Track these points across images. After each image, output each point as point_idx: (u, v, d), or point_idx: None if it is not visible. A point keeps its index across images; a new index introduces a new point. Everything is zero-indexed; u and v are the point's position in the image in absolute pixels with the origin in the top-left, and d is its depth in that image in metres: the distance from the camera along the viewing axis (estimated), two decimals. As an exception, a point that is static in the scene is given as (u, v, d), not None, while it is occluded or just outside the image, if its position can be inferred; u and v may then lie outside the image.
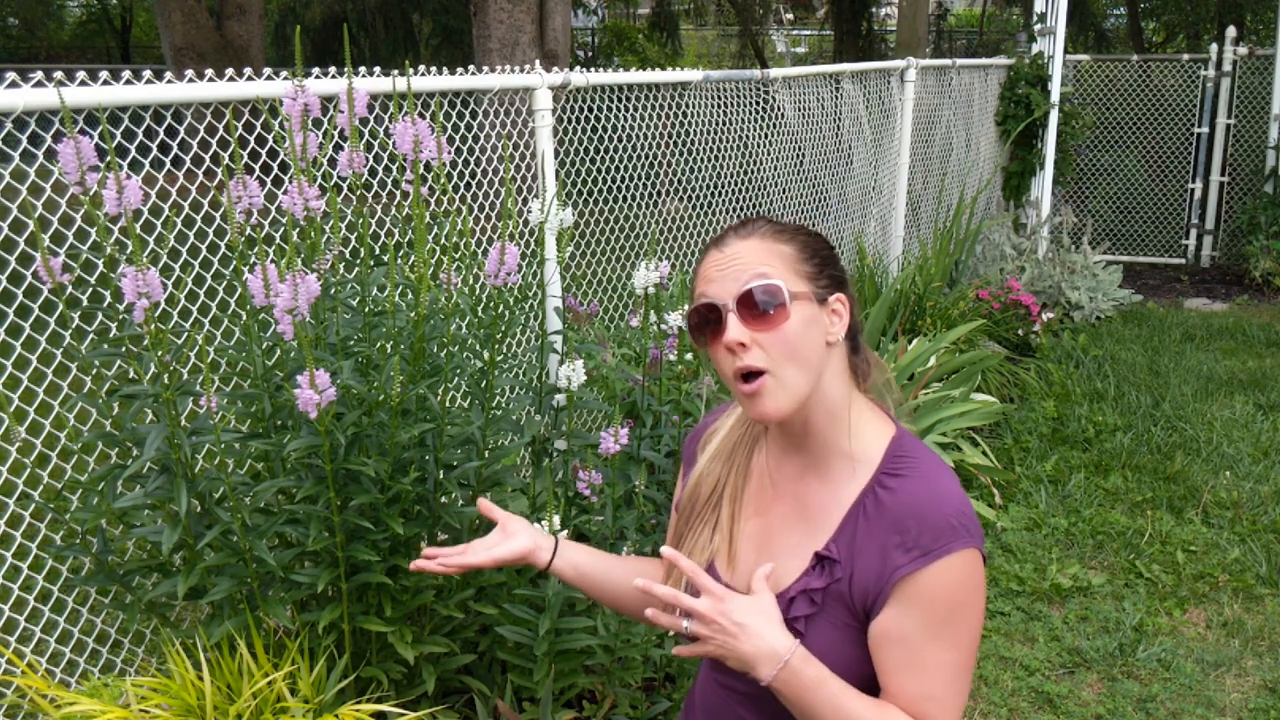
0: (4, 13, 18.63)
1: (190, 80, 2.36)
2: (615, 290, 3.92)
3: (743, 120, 4.58)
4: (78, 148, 1.89)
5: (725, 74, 4.50)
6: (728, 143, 4.49)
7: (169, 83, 2.33)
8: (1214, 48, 7.99)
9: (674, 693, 2.68)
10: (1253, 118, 7.96)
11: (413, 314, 2.13)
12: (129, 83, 2.22)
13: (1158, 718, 2.80)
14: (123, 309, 2.02)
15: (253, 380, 2.16)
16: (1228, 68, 7.95)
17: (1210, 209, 8.22)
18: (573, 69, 4.08)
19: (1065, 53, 7.38)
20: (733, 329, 1.30)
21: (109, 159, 1.91)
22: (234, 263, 2.17)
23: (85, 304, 2.09)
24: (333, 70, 2.54)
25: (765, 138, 4.73)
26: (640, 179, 3.93)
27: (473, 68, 2.99)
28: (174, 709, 1.92)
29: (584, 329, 3.02)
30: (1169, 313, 6.90)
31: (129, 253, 1.86)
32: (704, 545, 1.45)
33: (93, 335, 2.15)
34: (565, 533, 2.12)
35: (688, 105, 4.22)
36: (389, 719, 2.01)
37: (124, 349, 2.06)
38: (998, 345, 5.27)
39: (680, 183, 4.39)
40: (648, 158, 3.96)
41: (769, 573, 1.35)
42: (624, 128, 3.85)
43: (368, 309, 2.19)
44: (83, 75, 2.42)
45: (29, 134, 2.23)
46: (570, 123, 3.67)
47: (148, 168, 2.43)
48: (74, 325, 2.05)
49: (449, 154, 2.16)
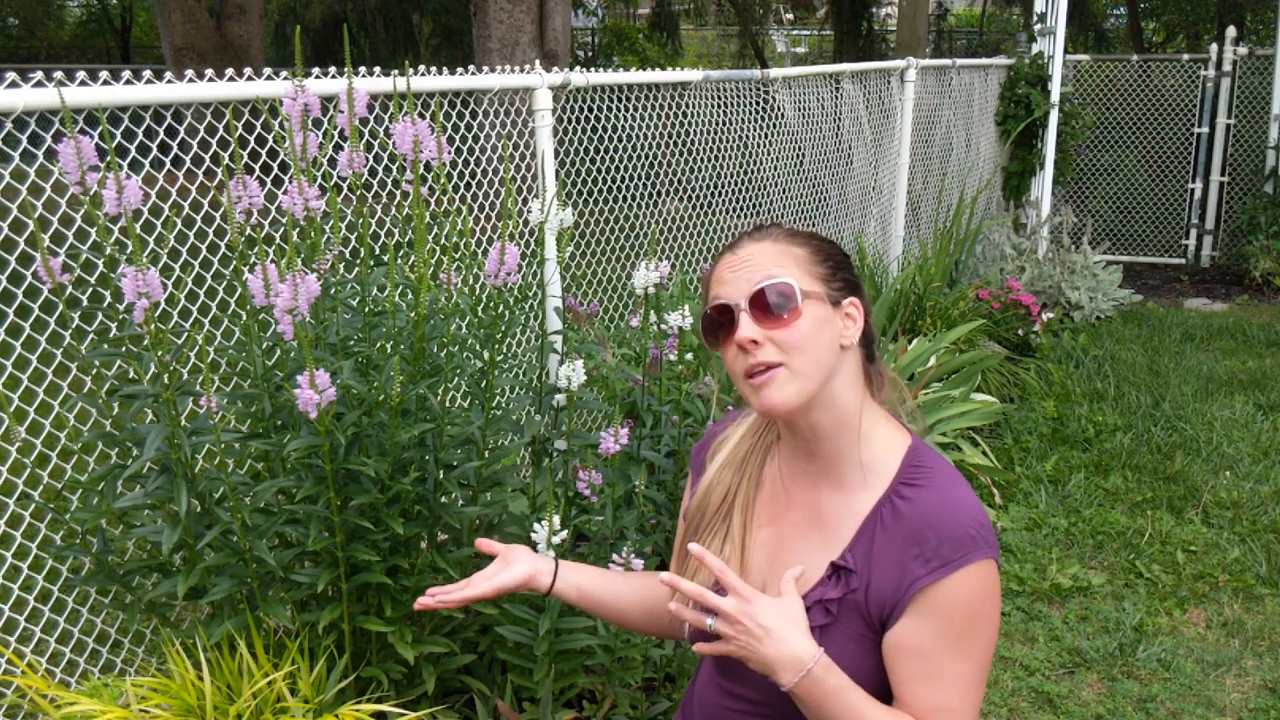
0: (4, 13, 18.62)
1: (190, 80, 2.36)
2: (615, 290, 3.92)
3: (743, 120, 4.58)
4: (78, 148, 1.89)
5: (725, 74, 4.50)
6: (728, 143, 4.49)
7: (169, 83, 2.33)
8: (1214, 48, 7.99)
9: (674, 693, 2.68)
10: (1253, 118, 7.96)
11: (413, 314, 2.13)
12: (129, 83, 2.22)
13: (1158, 718, 2.80)
14: (123, 309, 2.02)
15: (253, 380, 2.16)
16: (1228, 68, 7.95)
17: (1210, 209, 8.22)
18: (573, 69, 4.08)
19: (1065, 53, 7.37)
20: (745, 327, 1.29)
21: (109, 159, 1.91)
22: (234, 263, 2.17)
23: (85, 304, 2.09)
24: (333, 70, 2.54)
25: (765, 138, 4.73)
26: (640, 179, 3.93)
27: (473, 68, 2.99)
28: (174, 709, 1.92)
29: (584, 329, 3.02)
30: (1169, 313, 6.90)
31: (129, 253, 1.86)
32: (715, 553, 1.43)
33: (93, 335, 2.15)
34: (565, 533, 2.12)
35: (688, 105, 4.22)
36: (389, 719, 2.01)
37: (124, 349, 2.06)
38: (998, 345, 5.27)
39: (680, 183, 4.39)
40: (648, 158, 3.96)
41: (799, 575, 1.33)
42: (624, 128, 3.85)
43: (368, 309, 2.19)
44: (83, 75, 2.42)
45: (29, 134, 2.23)
46: (570, 123, 3.67)
47: (148, 168, 2.43)
48: (74, 325, 2.05)
49: (449, 154, 2.16)
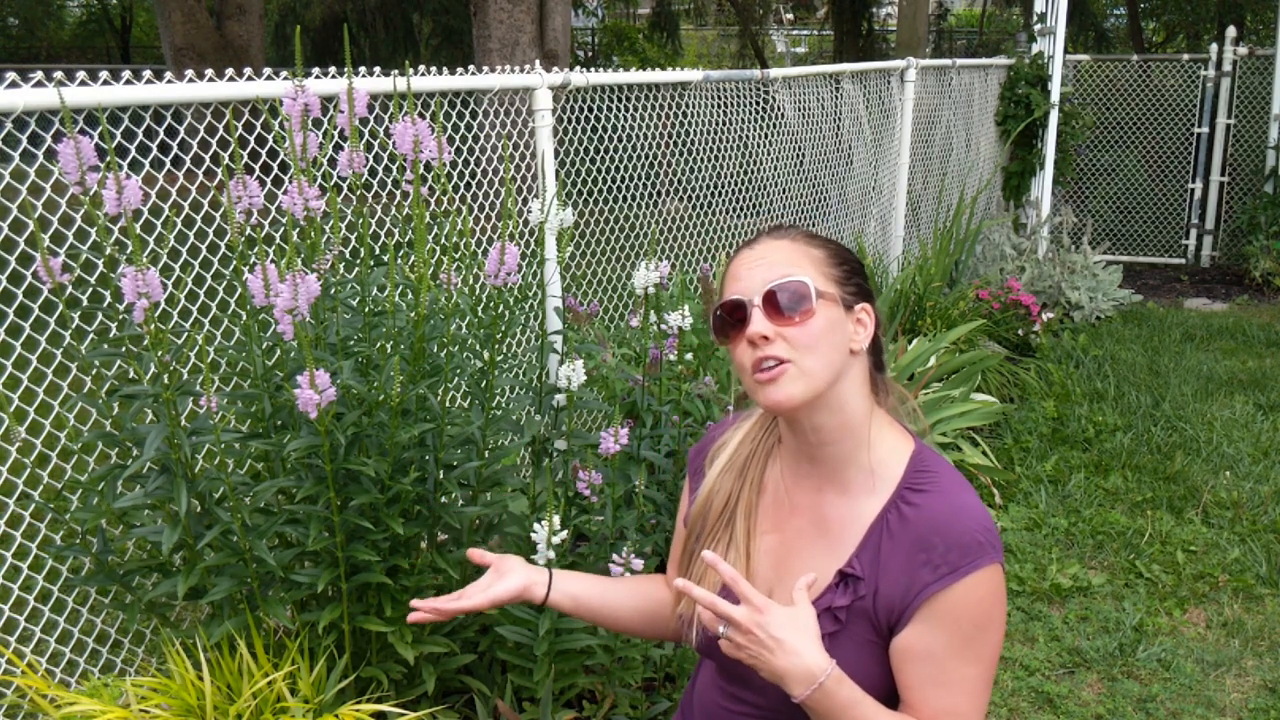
0: (4, 13, 18.62)
1: (190, 80, 2.36)
2: (615, 290, 3.92)
3: (743, 120, 4.58)
4: (78, 148, 1.89)
5: (725, 74, 4.50)
6: (728, 143, 4.49)
7: (169, 83, 2.33)
8: (1214, 48, 7.99)
9: (674, 693, 2.68)
10: (1253, 118, 7.96)
11: (413, 314, 2.13)
12: (129, 83, 2.22)
13: (1158, 718, 2.80)
14: (123, 309, 2.02)
15: (253, 380, 2.16)
16: (1228, 68, 7.95)
17: (1210, 209, 8.22)
18: (573, 69, 4.08)
19: (1065, 53, 7.37)
20: (757, 322, 1.29)
21: (109, 159, 1.91)
22: (234, 263, 2.17)
23: (85, 304, 2.09)
24: (333, 70, 2.54)
25: (765, 138, 4.73)
26: (640, 179, 3.93)
27: (473, 68, 2.99)
28: (174, 709, 1.92)
29: (584, 329, 3.02)
30: (1169, 313, 6.90)
31: (129, 253, 1.86)
32: None
33: (93, 335, 2.15)
34: (565, 533, 2.12)
35: (688, 105, 4.22)
36: (389, 719, 2.01)
37: (124, 349, 2.06)
38: (998, 345, 5.27)
39: (680, 183, 4.39)
40: (648, 158, 3.96)
41: (811, 583, 1.31)
42: (624, 128, 3.85)
43: (368, 309, 2.19)
44: (83, 75, 2.42)
45: (29, 134, 2.23)
46: (570, 123, 3.67)
47: (148, 168, 2.43)
48: (74, 325, 2.05)
49: (449, 154, 2.16)
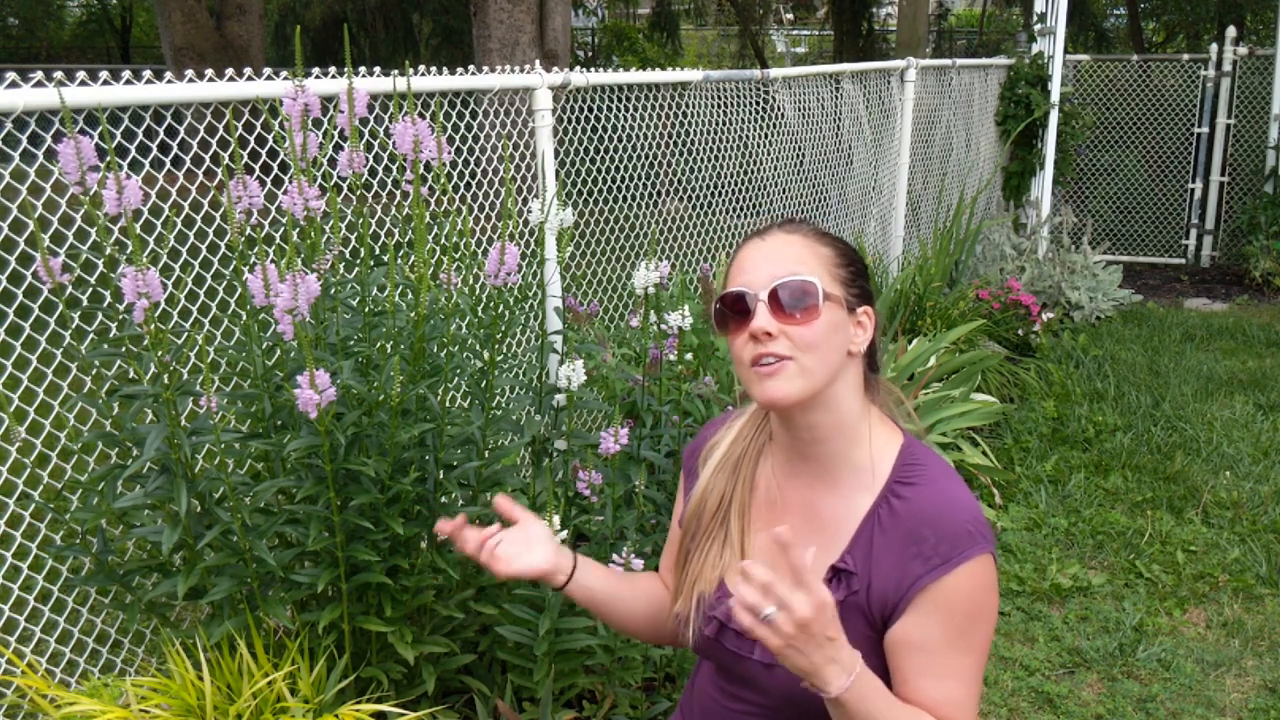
0: (4, 13, 18.63)
1: (190, 80, 2.36)
2: (615, 290, 3.91)
3: (743, 120, 4.58)
4: (78, 148, 1.89)
5: (725, 74, 4.50)
6: (728, 143, 4.49)
7: (169, 83, 2.33)
8: (1214, 48, 7.99)
9: (674, 693, 2.68)
10: (1253, 118, 7.96)
11: (413, 314, 2.13)
12: (129, 83, 2.22)
13: (1158, 718, 2.80)
14: (123, 309, 2.02)
15: (253, 380, 2.16)
16: (1228, 68, 7.95)
17: (1210, 209, 8.22)
18: (573, 69, 4.08)
19: (1065, 53, 7.37)
20: (761, 318, 1.29)
21: (109, 159, 1.91)
22: (234, 263, 2.17)
23: (85, 304, 2.09)
24: (333, 70, 2.54)
25: (765, 138, 4.73)
26: (640, 179, 3.93)
27: (473, 68, 2.99)
28: (174, 709, 1.92)
29: (584, 329, 3.02)
30: (1169, 313, 6.90)
31: (129, 253, 1.86)
32: (714, 561, 1.43)
33: (93, 335, 2.15)
34: (565, 533, 2.12)
35: (688, 105, 4.22)
36: (389, 719, 2.01)
37: (124, 349, 2.06)
38: (998, 345, 5.27)
39: (680, 183, 4.39)
40: (648, 158, 3.96)
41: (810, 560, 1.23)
42: (624, 128, 3.85)
43: (368, 309, 2.19)
44: (83, 75, 2.42)
45: (29, 134, 2.23)
46: (570, 123, 3.67)
47: (148, 168, 2.43)
48: (74, 325, 2.05)
49: (449, 154, 2.16)
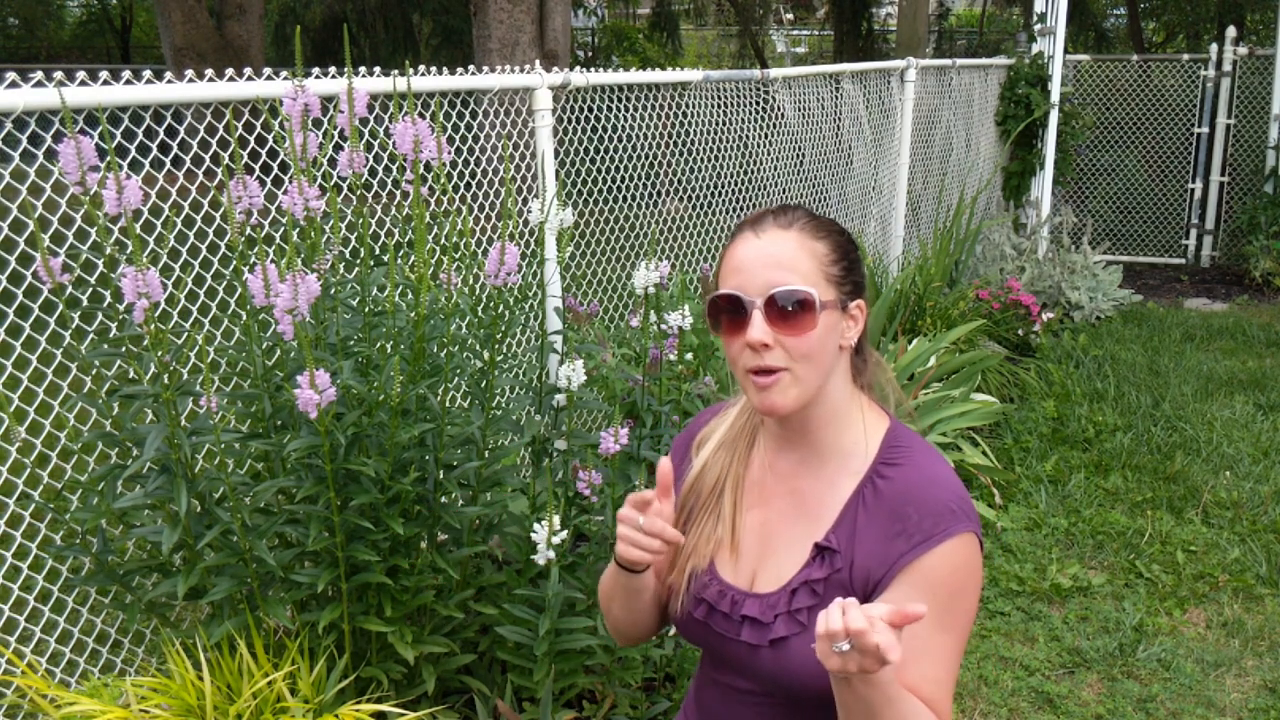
0: (4, 13, 18.62)
1: (190, 80, 2.36)
2: (615, 290, 3.92)
3: (743, 120, 4.58)
4: (78, 148, 1.89)
5: (725, 74, 4.50)
6: (728, 143, 4.49)
7: (169, 83, 2.33)
8: (1214, 48, 7.99)
9: (674, 693, 2.68)
10: (1253, 118, 7.96)
11: (413, 314, 2.13)
12: (129, 83, 2.22)
13: (1158, 718, 2.80)
14: (123, 309, 2.02)
15: (253, 380, 2.16)
16: (1228, 68, 7.95)
17: (1210, 209, 8.22)
18: (573, 69, 4.08)
19: (1065, 53, 7.38)
20: (757, 328, 1.29)
21: (109, 159, 1.91)
22: (234, 263, 2.17)
23: (85, 304, 2.09)
24: (333, 70, 2.54)
25: (765, 138, 4.73)
26: (640, 179, 3.93)
27: (473, 68, 2.99)
28: (174, 709, 1.92)
29: (584, 329, 3.02)
30: (1169, 313, 6.90)
31: (129, 253, 1.86)
32: (709, 535, 1.45)
33: (93, 335, 2.15)
34: (565, 533, 2.12)
35: (688, 105, 4.22)
36: (389, 719, 2.01)
37: (124, 349, 2.06)
38: (998, 345, 5.27)
39: (680, 183, 4.39)
40: (648, 158, 3.96)
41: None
42: (624, 128, 3.85)
43: (368, 309, 2.19)
44: (83, 75, 2.42)
45: (29, 134, 2.23)
46: (570, 123, 3.67)
47: (148, 168, 2.43)
48: (74, 325, 2.05)
49: (449, 154, 2.16)
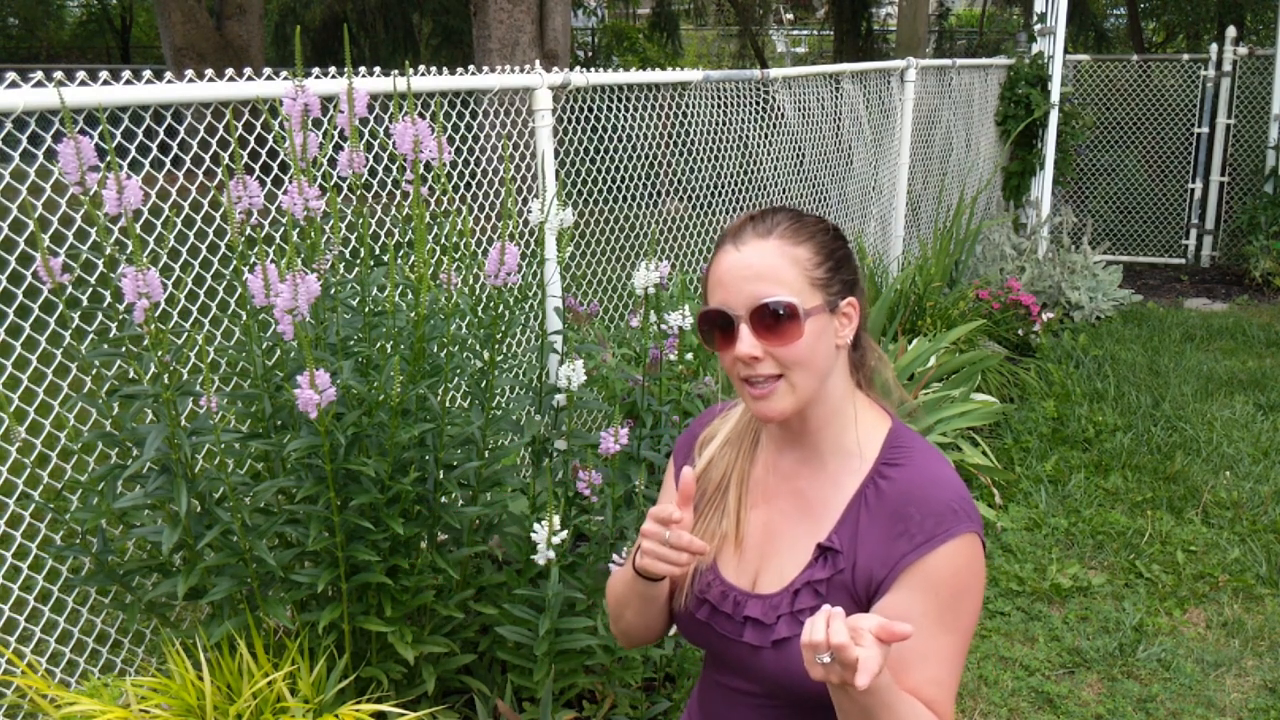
0: (4, 13, 18.63)
1: (190, 80, 2.36)
2: (615, 290, 3.92)
3: (743, 120, 4.58)
4: (78, 148, 1.89)
5: (725, 74, 4.50)
6: (728, 143, 4.49)
7: (169, 83, 2.33)
8: (1214, 48, 7.99)
9: (674, 693, 2.68)
10: (1253, 118, 7.96)
11: (413, 314, 2.13)
12: (129, 83, 2.22)
13: (1158, 718, 2.80)
14: (123, 309, 2.02)
15: (253, 380, 2.16)
16: (1228, 68, 7.95)
17: (1210, 209, 8.22)
18: (573, 69, 4.08)
19: (1065, 53, 7.38)
20: (745, 343, 1.29)
21: (109, 159, 1.91)
22: (234, 263, 2.17)
23: (85, 304, 2.09)
24: (333, 70, 2.54)
25: (765, 138, 4.73)
26: (640, 179, 3.93)
27: (473, 68, 2.99)
28: (174, 709, 1.92)
29: (584, 329, 3.02)
30: (1169, 313, 6.90)
31: (129, 253, 1.86)
32: (713, 530, 1.45)
33: (93, 335, 2.15)
34: (565, 533, 2.12)
35: (688, 105, 4.22)
36: (389, 719, 2.01)
37: (124, 349, 2.06)
38: (998, 345, 5.27)
39: (680, 183, 4.39)
40: (648, 158, 3.96)
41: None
42: (624, 128, 3.85)
43: (368, 309, 2.19)
44: (83, 75, 2.42)
45: (29, 134, 2.23)
46: (570, 123, 3.67)
47: (148, 168, 2.43)
48: (74, 325, 2.05)
49: (449, 154, 2.16)
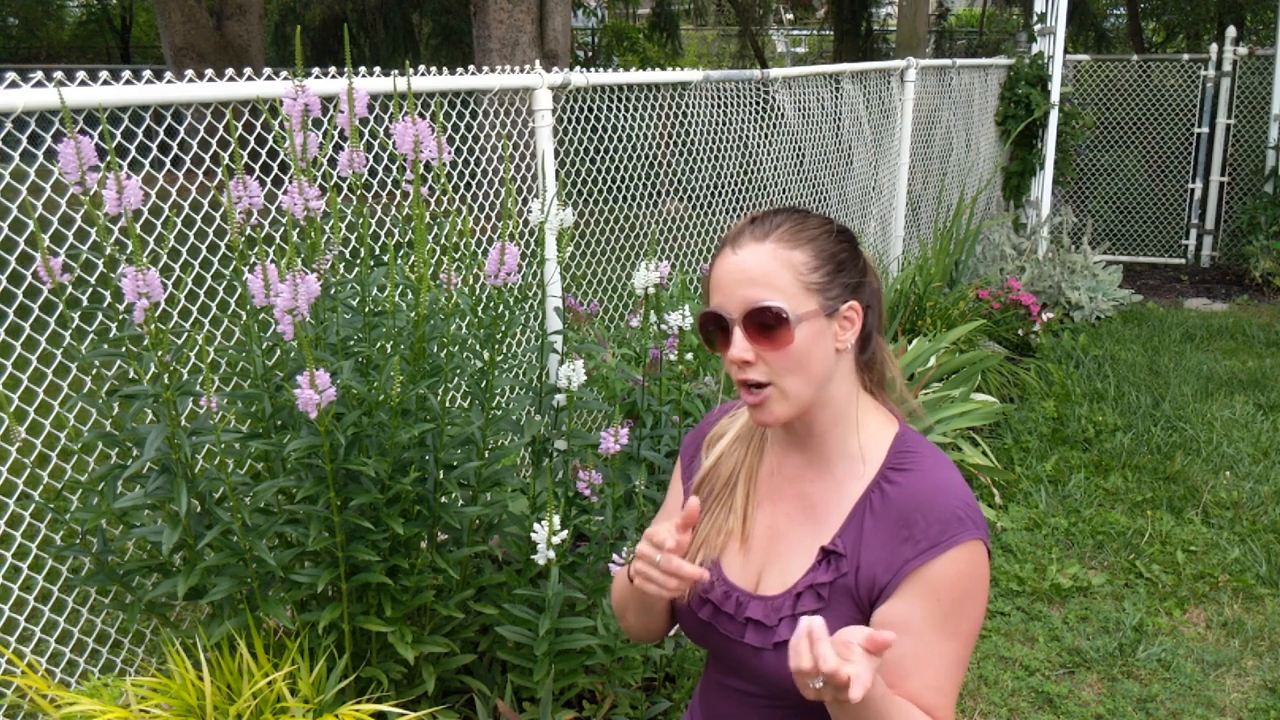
0: (4, 13, 18.63)
1: (190, 80, 2.36)
2: (615, 290, 3.91)
3: (743, 120, 4.58)
4: (78, 148, 1.89)
5: (725, 74, 4.50)
6: (728, 143, 4.49)
7: (169, 83, 2.33)
8: (1214, 48, 7.99)
9: (674, 693, 2.68)
10: (1253, 118, 7.96)
11: (413, 314, 2.13)
12: (129, 83, 2.22)
13: (1158, 718, 2.80)
14: (123, 309, 2.02)
15: (253, 380, 2.16)
16: (1228, 68, 7.95)
17: (1210, 209, 8.22)
18: (573, 69, 4.08)
19: (1065, 53, 7.37)
20: (738, 346, 1.30)
21: (109, 159, 1.91)
22: (234, 263, 2.17)
23: (85, 304, 2.09)
24: (333, 70, 2.54)
25: (765, 138, 4.73)
26: (640, 179, 3.93)
27: (473, 68, 2.99)
28: (174, 709, 1.92)
29: (584, 329, 3.02)
30: (1169, 313, 6.90)
31: (129, 253, 1.86)
32: (720, 526, 1.45)
33: (93, 335, 2.15)
34: (565, 533, 2.12)
35: (688, 105, 4.22)
36: (389, 719, 2.01)
37: (124, 349, 2.06)
38: (998, 345, 5.27)
39: (680, 183, 4.39)
40: (648, 158, 3.96)
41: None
42: (624, 128, 3.85)
43: (368, 309, 2.19)
44: (83, 75, 2.42)
45: (29, 134, 2.23)
46: (570, 123, 3.67)
47: (148, 168, 2.43)
48: (74, 325, 2.05)
49: (449, 154, 2.16)
